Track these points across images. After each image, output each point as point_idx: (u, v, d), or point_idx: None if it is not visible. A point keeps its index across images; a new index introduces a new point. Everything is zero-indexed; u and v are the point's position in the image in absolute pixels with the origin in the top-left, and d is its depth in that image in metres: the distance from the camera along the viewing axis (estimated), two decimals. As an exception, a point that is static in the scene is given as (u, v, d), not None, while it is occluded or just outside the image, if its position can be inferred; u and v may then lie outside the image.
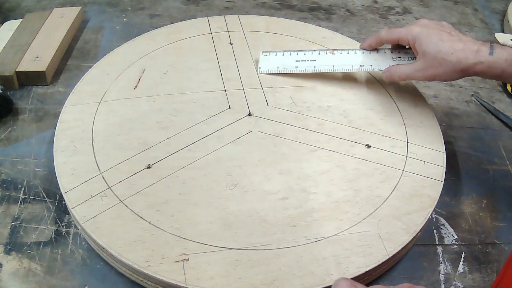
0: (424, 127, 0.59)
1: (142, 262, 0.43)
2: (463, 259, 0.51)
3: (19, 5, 0.79)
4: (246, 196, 0.50)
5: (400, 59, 0.59)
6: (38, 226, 0.50)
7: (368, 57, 0.60)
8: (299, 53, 0.63)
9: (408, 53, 0.59)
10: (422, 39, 0.53)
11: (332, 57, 0.61)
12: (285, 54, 0.63)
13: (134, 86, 0.61)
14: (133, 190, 0.49)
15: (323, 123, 0.58)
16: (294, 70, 0.62)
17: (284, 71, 0.63)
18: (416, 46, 0.54)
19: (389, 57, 0.59)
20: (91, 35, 0.74)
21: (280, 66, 0.63)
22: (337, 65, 0.61)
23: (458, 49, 0.51)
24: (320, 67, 0.62)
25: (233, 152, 0.54)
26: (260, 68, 0.63)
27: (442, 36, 0.52)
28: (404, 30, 0.55)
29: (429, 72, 0.53)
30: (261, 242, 0.46)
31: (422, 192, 0.51)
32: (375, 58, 0.60)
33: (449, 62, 0.51)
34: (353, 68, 0.60)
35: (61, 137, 0.54)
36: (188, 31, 0.70)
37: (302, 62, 0.62)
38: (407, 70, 0.55)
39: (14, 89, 0.64)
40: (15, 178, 0.54)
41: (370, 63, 0.60)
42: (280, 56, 0.63)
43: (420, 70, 0.54)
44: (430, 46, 0.52)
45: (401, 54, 0.59)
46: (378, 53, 0.60)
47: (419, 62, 0.54)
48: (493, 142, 0.64)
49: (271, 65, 0.63)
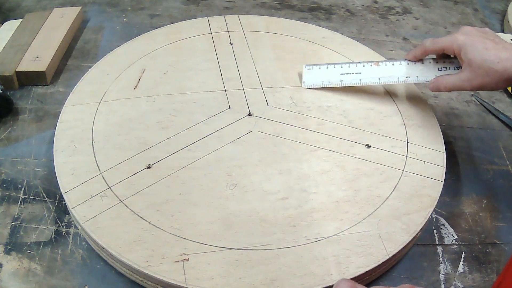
0: (424, 127, 0.59)
1: (142, 262, 0.43)
2: (463, 259, 0.51)
3: (19, 5, 0.79)
4: (246, 196, 0.50)
5: (446, 69, 0.57)
6: (38, 226, 0.50)
7: (413, 68, 0.59)
8: (343, 65, 0.61)
9: (453, 62, 0.57)
10: (467, 48, 0.52)
11: (377, 69, 0.60)
12: (329, 67, 0.62)
13: (134, 86, 0.61)
14: (133, 190, 0.49)
15: (323, 123, 0.58)
16: (340, 84, 0.61)
17: (329, 85, 0.61)
18: (462, 55, 0.53)
19: (434, 67, 0.58)
20: (91, 35, 0.74)
21: (325, 80, 0.61)
22: (383, 78, 0.60)
23: (504, 58, 0.50)
24: (366, 80, 0.60)
25: (233, 152, 0.54)
26: (304, 82, 0.62)
27: (486, 45, 0.51)
28: (449, 39, 0.54)
29: (476, 82, 0.52)
30: (261, 242, 0.46)
31: (422, 192, 0.51)
32: (420, 69, 0.58)
33: (495, 72, 0.50)
34: (399, 80, 0.59)
35: (61, 137, 0.54)
36: (188, 31, 0.70)
37: (347, 75, 0.61)
38: (453, 80, 0.54)
39: (14, 89, 0.64)
40: (15, 178, 0.54)
41: (416, 74, 0.58)
42: (324, 69, 0.62)
43: (466, 80, 0.52)
44: (475, 55, 0.51)
45: (446, 63, 0.58)
46: (423, 64, 0.58)
47: (465, 72, 0.52)
48: (493, 142, 0.64)
49: (315, 79, 0.62)
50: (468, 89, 0.53)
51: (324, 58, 0.67)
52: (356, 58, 0.68)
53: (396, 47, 0.77)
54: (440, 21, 0.85)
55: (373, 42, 0.77)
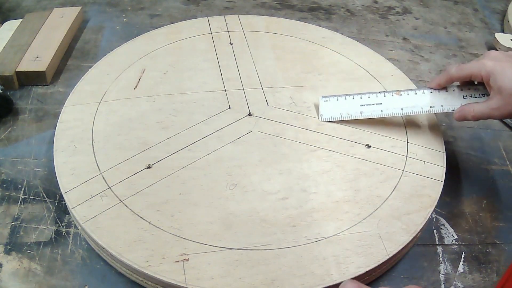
0: (424, 127, 0.59)
1: (142, 262, 0.43)
2: (463, 259, 0.51)
3: (19, 5, 0.79)
4: (246, 196, 0.50)
5: (471, 97, 0.54)
6: (38, 226, 0.50)
7: (437, 97, 0.55)
8: (362, 96, 0.58)
9: (478, 89, 0.54)
10: (496, 75, 0.49)
11: (399, 98, 0.57)
12: (347, 98, 0.58)
13: (134, 86, 0.61)
14: (133, 190, 0.49)
15: (323, 123, 0.58)
16: (360, 116, 0.57)
17: (348, 118, 0.57)
18: (491, 82, 0.50)
19: (459, 95, 0.55)
20: (91, 35, 0.74)
21: (344, 112, 0.57)
22: (406, 108, 0.56)
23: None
24: (388, 111, 0.57)
25: (233, 152, 0.54)
26: (322, 115, 0.58)
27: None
28: (476, 65, 0.51)
29: (506, 110, 0.49)
30: (261, 242, 0.46)
31: (422, 192, 0.51)
32: (445, 98, 0.55)
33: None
34: (423, 110, 0.56)
35: (61, 137, 0.54)
36: (188, 31, 0.70)
37: (367, 107, 0.57)
38: (482, 109, 0.51)
39: (14, 89, 0.64)
40: (15, 178, 0.54)
41: (441, 103, 0.55)
42: (342, 101, 0.58)
43: (496, 108, 0.50)
44: (506, 81, 0.48)
45: (471, 91, 0.55)
46: (447, 92, 0.55)
47: (495, 99, 0.50)
48: (493, 142, 0.64)
49: (333, 112, 0.58)
50: (497, 117, 0.51)
51: (324, 58, 0.67)
52: (356, 58, 0.68)
53: (396, 47, 0.77)
54: (440, 21, 0.85)
55: (373, 42, 0.77)
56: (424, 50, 0.78)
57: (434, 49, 0.78)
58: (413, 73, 0.72)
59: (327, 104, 0.59)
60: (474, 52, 0.79)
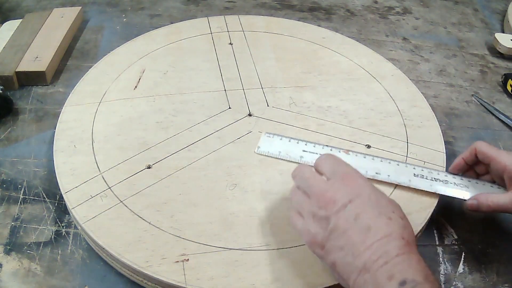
0: (424, 127, 0.59)
1: (142, 262, 0.43)
2: (463, 259, 0.51)
3: (19, 5, 0.79)
4: (246, 196, 0.50)
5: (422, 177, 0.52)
6: (38, 226, 0.50)
7: (386, 167, 0.52)
8: (308, 144, 0.54)
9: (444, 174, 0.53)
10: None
11: (345, 157, 0.53)
12: (291, 141, 0.55)
13: (134, 86, 0.61)
14: (133, 190, 0.49)
15: (323, 123, 0.58)
16: (299, 160, 0.53)
17: (286, 158, 0.54)
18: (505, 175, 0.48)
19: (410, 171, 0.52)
20: (91, 35, 0.74)
21: (283, 152, 0.54)
22: None
23: None
24: None
25: (233, 152, 0.54)
26: (259, 147, 0.54)
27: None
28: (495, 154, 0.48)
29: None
30: (261, 242, 0.46)
31: (422, 192, 0.51)
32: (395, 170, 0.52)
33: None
34: (367, 174, 0.51)
35: (61, 137, 0.54)
36: (188, 31, 0.70)
37: (309, 154, 0.53)
38: (500, 201, 0.47)
39: (14, 89, 0.64)
40: (15, 178, 0.54)
41: (388, 173, 0.51)
42: (285, 141, 0.55)
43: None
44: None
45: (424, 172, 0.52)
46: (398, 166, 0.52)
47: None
48: (493, 142, 0.63)
49: (272, 148, 0.54)
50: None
51: (324, 58, 0.67)
52: (356, 58, 0.68)
53: (396, 47, 0.77)
54: (440, 21, 0.85)
55: (373, 42, 0.77)
56: (424, 50, 0.78)
57: (434, 49, 0.78)
58: (413, 73, 0.72)
59: (269, 139, 0.55)
60: (474, 52, 0.78)
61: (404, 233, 0.38)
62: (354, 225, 0.37)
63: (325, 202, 0.39)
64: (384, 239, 0.36)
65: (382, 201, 0.40)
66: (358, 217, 0.37)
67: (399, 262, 0.36)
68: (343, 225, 0.37)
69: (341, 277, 0.38)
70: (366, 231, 0.37)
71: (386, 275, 0.35)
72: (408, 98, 0.62)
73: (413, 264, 0.36)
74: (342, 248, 0.37)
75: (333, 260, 0.38)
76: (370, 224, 0.37)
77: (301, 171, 0.43)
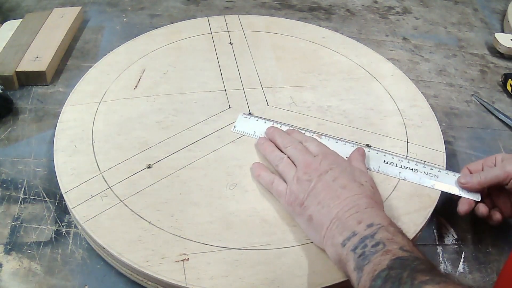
0: (424, 127, 0.59)
1: (142, 262, 0.43)
2: (463, 259, 0.51)
3: (19, 5, 0.79)
4: (246, 196, 0.50)
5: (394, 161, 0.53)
6: (38, 226, 0.50)
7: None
8: (282, 126, 0.56)
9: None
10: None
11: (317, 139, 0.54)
12: (267, 122, 0.56)
13: (134, 86, 0.61)
14: (133, 190, 0.49)
15: (323, 123, 0.58)
16: None
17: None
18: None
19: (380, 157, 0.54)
20: (91, 35, 0.74)
21: (258, 132, 0.55)
22: None
23: None
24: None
25: (233, 152, 0.54)
26: (235, 126, 0.56)
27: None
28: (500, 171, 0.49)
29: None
30: (261, 242, 0.46)
31: (422, 192, 0.51)
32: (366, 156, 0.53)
33: None
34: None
35: (61, 137, 0.54)
36: (188, 31, 0.70)
37: None
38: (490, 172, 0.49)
39: (14, 89, 0.64)
40: (15, 178, 0.54)
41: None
42: (261, 122, 0.56)
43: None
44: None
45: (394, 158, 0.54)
46: (369, 151, 0.54)
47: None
48: (493, 142, 0.63)
49: (248, 128, 0.56)
50: None
51: (324, 58, 0.67)
52: (356, 58, 0.68)
53: (396, 47, 0.77)
54: (440, 21, 0.85)
55: (373, 42, 0.77)
56: (424, 50, 0.78)
57: (434, 49, 0.78)
58: (413, 73, 0.72)
59: (246, 120, 0.57)
60: (474, 52, 0.79)
61: (373, 196, 0.45)
62: (332, 184, 0.45)
63: (310, 170, 0.46)
64: (356, 195, 0.43)
65: (356, 172, 0.47)
66: (336, 179, 0.45)
67: (367, 212, 0.42)
68: (322, 185, 0.45)
69: (315, 230, 0.44)
70: (341, 189, 0.44)
71: (355, 221, 0.41)
72: (408, 98, 0.62)
73: (380, 214, 0.42)
74: (320, 202, 0.44)
75: (310, 213, 0.44)
76: (345, 184, 0.44)
77: (294, 144, 0.50)
